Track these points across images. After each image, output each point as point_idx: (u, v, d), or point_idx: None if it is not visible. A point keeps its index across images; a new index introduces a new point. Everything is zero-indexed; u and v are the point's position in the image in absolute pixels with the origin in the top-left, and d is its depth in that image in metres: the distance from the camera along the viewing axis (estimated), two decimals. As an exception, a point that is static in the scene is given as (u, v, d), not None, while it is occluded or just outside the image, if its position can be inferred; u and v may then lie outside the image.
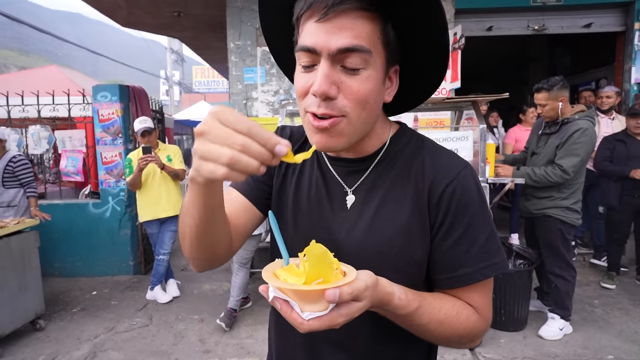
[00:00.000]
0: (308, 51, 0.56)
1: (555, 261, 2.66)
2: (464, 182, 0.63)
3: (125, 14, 5.15)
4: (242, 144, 0.44)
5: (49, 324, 3.17)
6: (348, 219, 0.66)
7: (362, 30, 0.55)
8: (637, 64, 4.07)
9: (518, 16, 4.15)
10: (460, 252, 0.63)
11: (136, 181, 3.36)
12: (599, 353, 2.51)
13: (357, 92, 0.56)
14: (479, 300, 0.65)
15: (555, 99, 2.59)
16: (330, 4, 0.53)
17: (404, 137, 0.70)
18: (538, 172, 2.56)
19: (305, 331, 0.48)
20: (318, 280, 0.48)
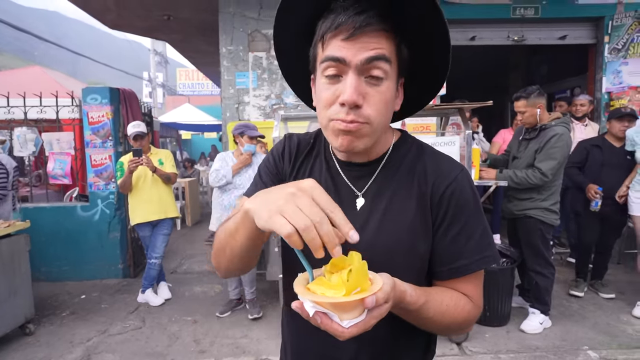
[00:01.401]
0: (337, 61, 0.63)
1: (536, 259, 2.83)
2: (461, 184, 0.72)
3: (114, 16, 5.13)
4: (320, 218, 0.49)
5: (38, 328, 3.14)
6: (358, 220, 0.72)
7: (384, 45, 0.63)
8: (607, 74, 4.33)
9: (499, 27, 4.37)
10: (459, 246, 0.71)
11: (127, 183, 3.37)
12: (575, 344, 2.68)
13: (379, 101, 0.64)
14: (472, 290, 0.73)
15: (533, 106, 2.78)
16: (358, 26, 0.61)
17: (406, 144, 0.78)
18: (519, 175, 2.73)
19: (346, 338, 0.52)
20: (356, 290, 0.52)
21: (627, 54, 4.23)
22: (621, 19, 4.20)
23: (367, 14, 0.61)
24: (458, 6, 4.17)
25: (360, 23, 0.61)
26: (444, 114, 3.21)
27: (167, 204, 3.59)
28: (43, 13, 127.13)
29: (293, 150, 0.83)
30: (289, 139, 0.85)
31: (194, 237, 6.20)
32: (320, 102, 0.68)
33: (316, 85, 0.71)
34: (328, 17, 0.64)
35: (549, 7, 4.22)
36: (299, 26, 0.71)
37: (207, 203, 8.82)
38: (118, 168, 3.48)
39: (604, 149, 3.33)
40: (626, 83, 4.24)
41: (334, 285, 0.53)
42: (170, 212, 3.62)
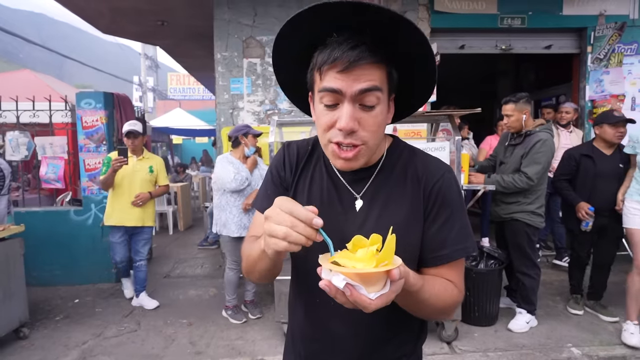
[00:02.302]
0: (334, 92, 0.70)
1: (522, 260, 2.94)
2: (448, 182, 0.81)
3: (108, 21, 5.16)
4: (290, 222, 0.60)
5: (32, 332, 3.14)
6: (358, 219, 0.80)
7: (376, 76, 0.70)
8: (590, 83, 4.51)
9: (487, 36, 4.51)
10: (443, 236, 0.79)
11: (108, 181, 3.31)
12: (560, 342, 2.79)
13: (373, 124, 0.72)
14: (456, 276, 0.81)
15: (520, 111, 2.90)
16: (352, 60, 0.67)
17: (398, 148, 0.86)
18: (507, 179, 2.85)
19: (372, 309, 0.57)
20: (384, 262, 0.57)
21: (608, 64, 4.41)
22: (602, 30, 4.39)
23: (360, 48, 0.67)
24: (448, 15, 4.30)
25: (354, 57, 0.67)
26: (435, 120, 3.32)
27: (148, 212, 3.53)
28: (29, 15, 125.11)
29: (293, 159, 0.89)
30: (287, 148, 0.91)
31: (186, 242, 6.20)
32: (319, 126, 0.76)
33: (315, 109, 0.78)
34: (324, 51, 0.70)
35: (534, 17, 4.38)
36: (296, 54, 0.78)
37: (198, 208, 8.81)
38: (105, 163, 3.38)
39: (596, 158, 3.04)
40: (608, 91, 4.42)
41: (360, 258, 0.58)
42: (149, 221, 3.55)
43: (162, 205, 6.90)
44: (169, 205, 7.00)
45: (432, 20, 4.29)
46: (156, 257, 5.30)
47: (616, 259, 4.37)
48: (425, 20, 4.28)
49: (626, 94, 4.42)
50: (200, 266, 4.87)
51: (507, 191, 2.88)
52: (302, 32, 0.73)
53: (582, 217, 3.01)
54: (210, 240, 5.67)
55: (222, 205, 3.18)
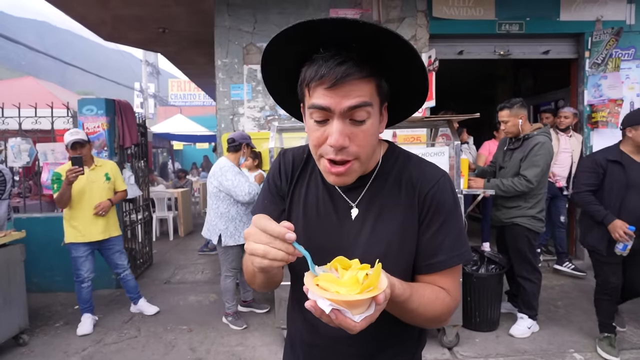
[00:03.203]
0: (323, 109, 0.69)
1: (523, 265, 2.94)
2: (443, 187, 0.79)
3: (110, 29, 5.21)
4: (266, 239, 0.61)
5: (32, 338, 3.13)
6: (354, 228, 0.80)
7: (364, 91, 0.69)
8: (588, 88, 4.53)
9: (486, 42, 4.55)
10: (437, 243, 0.78)
11: (65, 196, 3.01)
12: (562, 347, 2.78)
13: (364, 138, 0.71)
14: (450, 283, 0.79)
15: (516, 116, 2.92)
16: (339, 77, 0.66)
17: (393, 156, 0.85)
18: (506, 183, 2.85)
19: (357, 331, 0.59)
20: (368, 289, 0.58)
21: (606, 69, 4.43)
22: (600, 35, 4.42)
23: (347, 64, 0.66)
24: (446, 22, 4.34)
25: (342, 74, 0.66)
26: (434, 125, 3.34)
27: (112, 222, 3.37)
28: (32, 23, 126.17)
29: (288, 167, 0.89)
30: (283, 156, 0.92)
31: (186, 248, 6.19)
32: (311, 141, 0.75)
33: (306, 123, 0.77)
34: (311, 67, 0.69)
35: (532, 23, 4.42)
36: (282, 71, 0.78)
37: (199, 214, 8.82)
38: (54, 180, 3.10)
39: (626, 165, 2.53)
40: (606, 96, 4.43)
41: (345, 283, 0.59)
42: (115, 231, 3.38)
43: (163, 211, 6.91)
44: (170, 211, 7.01)
45: (430, 27, 4.32)
46: (156, 263, 5.30)
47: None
48: (424, 26, 4.32)
49: (624, 99, 4.43)
50: (200, 272, 4.87)
51: (507, 195, 2.88)
52: (288, 49, 0.72)
53: (619, 238, 2.47)
54: (211, 246, 5.67)
55: (232, 215, 3.14)
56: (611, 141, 4.43)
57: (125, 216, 4.50)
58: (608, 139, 4.48)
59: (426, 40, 4.33)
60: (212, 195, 3.20)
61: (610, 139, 4.46)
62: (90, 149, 3.30)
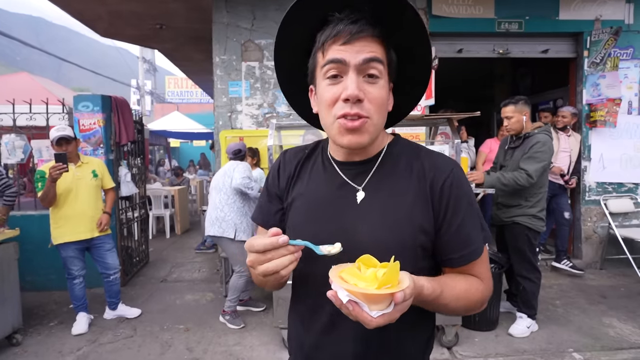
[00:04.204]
0: (338, 62, 0.71)
1: (523, 264, 2.92)
2: (458, 177, 0.78)
3: (106, 25, 5.14)
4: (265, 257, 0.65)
5: (25, 338, 3.08)
6: (360, 212, 0.78)
7: (377, 49, 0.73)
8: (587, 87, 4.53)
9: (485, 40, 4.53)
10: (466, 234, 0.77)
11: (49, 195, 2.92)
12: (561, 347, 2.77)
13: (377, 96, 0.73)
14: (482, 270, 0.80)
15: (520, 112, 2.91)
16: (354, 32, 0.71)
17: (400, 143, 0.85)
18: (507, 176, 2.83)
19: (373, 327, 0.59)
20: (387, 285, 0.58)
21: (604, 68, 4.43)
22: (598, 35, 4.41)
23: (360, 22, 0.71)
24: (445, 20, 4.31)
25: (356, 30, 0.70)
26: (433, 123, 3.31)
27: None
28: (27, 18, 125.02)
29: (289, 165, 0.90)
30: (284, 155, 0.93)
31: (183, 246, 6.15)
32: (323, 103, 0.75)
33: (318, 90, 0.78)
34: (326, 28, 0.73)
35: (531, 22, 4.40)
36: (298, 40, 0.79)
37: (196, 211, 8.77)
38: (38, 179, 3.01)
39: None
40: (604, 95, 4.43)
41: (366, 278, 0.60)
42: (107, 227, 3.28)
43: (160, 209, 6.85)
44: (166, 209, 6.96)
45: (430, 25, 4.29)
46: (153, 261, 5.25)
47: (611, 263, 4.40)
48: (424, 24, 4.29)
49: (622, 98, 4.43)
50: (197, 270, 4.83)
51: (508, 189, 2.85)
52: (305, 15, 0.75)
53: None
54: (208, 244, 5.63)
55: (246, 211, 3.26)
56: (610, 140, 4.51)
57: (122, 214, 4.45)
58: (606, 138, 4.50)
59: (426, 38, 4.30)
60: (227, 191, 3.25)
61: (608, 138, 4.50)
62: (76, 146, 3.19)
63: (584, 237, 4.54)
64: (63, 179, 2.93)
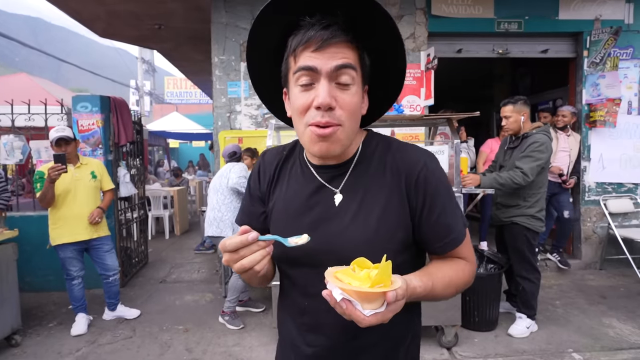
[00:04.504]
0: (310, 70, 0.71)
1: (522, 265, 2.92)
2: (431, 167, 0.79)
3: (105, 25, 5.14)
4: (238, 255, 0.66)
5: (24, 339, 3.08)
6: (339, 214, 0.79)
7: (349, 54, 0.72)
8: (586, 87, 4.53)
9: (484, 40, 4.52)
10: (447, 223, 0.79)
11: (48, 196, 2.91)
12: (560, 347, 2.77)
13: (349, 103, 0.72)
14: (466, 251, 0.83)
15: (519, 112, 2.91)
16: (325, 38, 0.70)
17: (373, 141, 0.85)
18: (503, 176, 2.82)
19: (365, 325, 0.60)
20: (380, 284, 0.59)
21: (604, 68, 4.43)
22: (598, 35, 4.41)
23: (332, 28, 0.70)
24: (445, 20, 4.31)
25: (328, 36, 0.70)
26: (433, 124, 3.31)
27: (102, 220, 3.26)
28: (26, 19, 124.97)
29: (268, 167, 0.90)
30: (263, 157, 0.94)
31: (182, 246, 6.14)
32: (296, 110, 0.75)
33: (290, 95, 0.77)
34: (298, 33, 0.72)
35: (531, 22, 4.40)
36: (270, 43, 0.78)
37: (195, 212, 8.76)
38: (37, 179, 3.00)
39: None
40: (604, 95, 4.42)
41: (360, 277, 0.61)
42: (102, 231, 3.25)
43: (159, 210, 6.84)
44: (165, 210, 6.95)
45: (429, 25, 4.29)
46: (152, 261, 5.24)
47: (611, 263, 4.40)
48: (423, 24, 4.29)
49: (622, 98, 4.43)
50: (196, 271, 4.82)
51: (505, 189, 2.85)
52: (276, 19, 0.74)
53: None
54: (207, 244, 5.62)
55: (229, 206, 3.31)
56: (609, 140, 4.50)
57: (121, 214, 4.44)
58: (606, 138, 4.50)
59: (425, 38, 4.30)
60: (224, 192, 3.29)
61: (608, 138, 4.50)
62: (75, 146, 3.18)
63: (583, 237, 4.54)
64: (62, 179, 2.93)
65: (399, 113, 3.04)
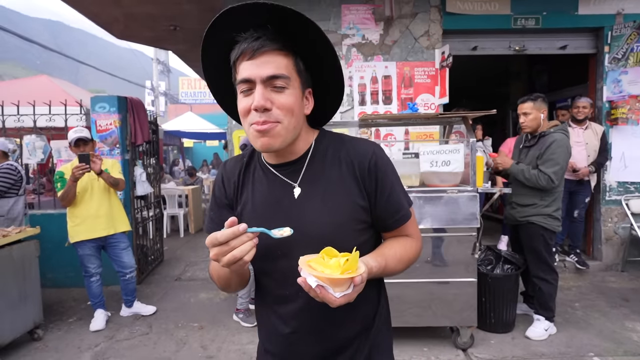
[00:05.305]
0: (247, 81, 0.80)
1: (539, 265, 2.86)
2: (379, 155, 0.90)
3: (122, 27, 5.24)
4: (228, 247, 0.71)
5: (46, 333, 3.17)
6: (299, 206, 0.87)
7: (280, 63, 0.80)
8: (607, 84, 4.40)
9: (500, 37, 4.44)
10: (395, 201, 0.91)
11: (70, 194, 3.01)
12: (581, 351, 2.70)
13: (284, 103, 0.80)
14: (412, 229, 0.95)
15: (539, 109, 2.85)
16: (256, 48, 0.78)
17: (325, 138, 0.94)
18: (532, 172, 2.77)
19: (336, 305, 0.70)
20: (348, 271, 0.70)
21: (626, 64, 4.30)
22: (620, 30, 4.28)
23: (262, 39, 0.78)
24: (460, 17, 4.25)
25: (258, 46, 0.78)
26: (448, 122, 3.27)
27: (117, 217, 3.31)
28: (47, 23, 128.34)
29: (230, 175, 0.97)
30: (224, 167, 1.01)
31: (197, 244, 6.22)
32: (240, 113, 0.84)
33: (238, 102, 0.85)
34: (236, 47, 0.81)
35: (549, 17, 4.30)
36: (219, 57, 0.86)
37: (209, 210, 8.86)
38: (57, 179, 3.10)
39: None
40: (626, 92, 4.30)
41: (330, 266, 0.71)
42: (121, 226, 3.30)
43: (174, 208, 6.95)
44: (180, 208, 7.05)
45: (444, 22, 4.24)
46: (167, 259, 5.33)
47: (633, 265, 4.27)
48: (437, 22, 4.24)
49: (646, 95, 4.29)
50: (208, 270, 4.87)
51: (527, 184, 2.80)
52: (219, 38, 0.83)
53: None
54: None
55: None
56: (632, 139, 4.36)
57: (137, 213, 4.53)
58: (628, 136, 4.37)
59: (439, 36, 4.25)
60: None
61: (630, 136, 4.36)
62: (93, 147, 3.27)
63: (604, 238, 4.42)
64: (80, 179, 3.01)
65: (413, 111, 3.01)
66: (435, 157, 2.70)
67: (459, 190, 2.65)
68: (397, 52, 4.26)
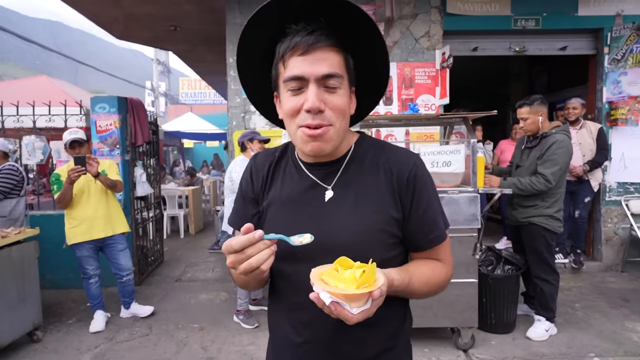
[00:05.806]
0: (298, 79, 0.74)
1: (540, 266, 2.86)
2: (420, 168, 0.84)
3: (122, 27, 5.24)
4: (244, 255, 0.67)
5: (45, 335, 3.15)
6: (330, 211, 0.81)
7: (334, 61, 0.75)
8: (607, 84, 4.40)
9: (501, 38, 4.45)
10: (430, 220, 0.83)
11: (67, 196, 3.00)
12: (581, 351, 2.70)
13: (337, 104, 0.76)
14: (444, 254, 0.87)
15: (536, 113, 2.84)
16: (311, 43, 0.73)
17: (365, 142, 0.89)
18: (523, 182, 2.77)
19: (354, 323, 0.64)
20: (364, 285, 0.63)
21: (626, 65, 4.30)
22: (620, 31, 4.29)
23: (316, 33, 0.73)
24: (460, 18, 4.25)
25: (312, 41, 0.73)
26: (448, 123, 3.27)
27: (115, 219, 3.29)
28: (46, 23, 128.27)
29: (260, 167, 0.92)
30: (254, 159, 0.96)
31: (197, 245, 6.21)
32: (287, 113, 0.78)
33: (281, 99, 0.80)
34: (285, 40, 0.75)
35: (549, 18, 4.31)
36: (259, 50, 0.82)
37: (209, 211, 8.85)
38: (54, 181, 3.10)
39: None
40: (626, 93, 4.30)
41: (345, 279, 0.64)
42: (119, 228, 3.29)
43: (174, 209, 6.94)
44: (180, 209, 7.04)
45: (444, 23, 4.24)
46: (167, 260, 5.32)
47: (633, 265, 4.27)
48: (438, 22, 4.24)
49: (645, 95, 4.30)
50: (211, 270, 4.87)
51: (525, 193, 2.80)
52: (263, 29, 0.78)
53: None
54: (221, 244, 5.67)
55: None
56: (631, 139, 4.37)
57: (137, 214, 4.52)
58: (628, 137, 4.37)
59: (440, 36, 4.25)
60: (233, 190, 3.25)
61: (630, 137, 4.37)
62: (88, 148, 3.24)
63: (604, 238, 4.42)
64: (77, 180, 2.99)
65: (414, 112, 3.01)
66: (436, 158, 2.70)
67: (460, 190, 2.65)
68: (398, 52, 4.26)
